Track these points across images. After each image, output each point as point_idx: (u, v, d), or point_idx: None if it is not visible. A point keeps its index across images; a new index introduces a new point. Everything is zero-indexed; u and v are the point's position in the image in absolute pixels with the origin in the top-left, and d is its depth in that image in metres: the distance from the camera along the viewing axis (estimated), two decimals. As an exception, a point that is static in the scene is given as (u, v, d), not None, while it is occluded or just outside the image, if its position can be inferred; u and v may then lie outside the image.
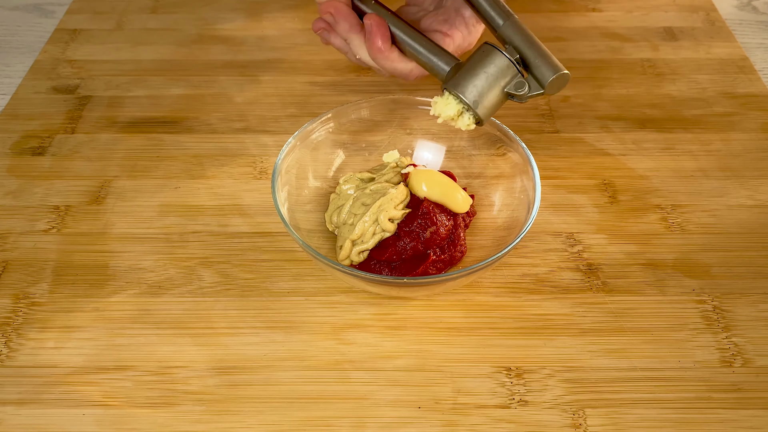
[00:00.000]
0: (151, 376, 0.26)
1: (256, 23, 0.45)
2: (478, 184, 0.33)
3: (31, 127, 0.37)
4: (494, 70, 0.28)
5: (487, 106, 0.28)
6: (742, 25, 0.45)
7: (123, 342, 0.27)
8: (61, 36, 0.44)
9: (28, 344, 0.27)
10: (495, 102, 0.29)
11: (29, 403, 0.26)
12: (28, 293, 0.29)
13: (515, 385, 0.26)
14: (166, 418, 0.25)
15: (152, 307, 0.29)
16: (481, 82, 0.28)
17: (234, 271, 0.30)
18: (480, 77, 0.28)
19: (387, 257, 0.28)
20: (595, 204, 0.33)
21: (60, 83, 0.40)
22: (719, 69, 0.41)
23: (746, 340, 0.28)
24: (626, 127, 0.37)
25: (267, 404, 0.26)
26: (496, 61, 0.28)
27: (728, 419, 0.25)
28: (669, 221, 0.32)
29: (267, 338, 0.28)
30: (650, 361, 0.27)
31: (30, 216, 0.33)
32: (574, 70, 0.41)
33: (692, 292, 0.29)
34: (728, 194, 0.34)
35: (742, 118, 0.38)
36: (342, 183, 0.31)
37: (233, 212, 0.33)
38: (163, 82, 0.40)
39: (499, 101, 0.29)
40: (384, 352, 0.27)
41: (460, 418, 0.25)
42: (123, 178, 0.35)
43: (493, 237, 0.30)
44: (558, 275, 0.30)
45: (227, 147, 0.36)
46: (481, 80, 0.28)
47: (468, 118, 0.29)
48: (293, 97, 0.39)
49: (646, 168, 0.35)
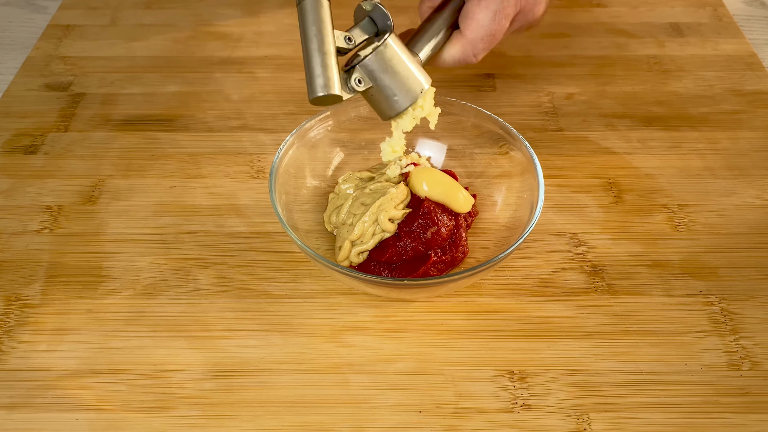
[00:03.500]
0: (146, 380, 0.26)
1: (253, 19, 0.44)
2: (481, 183, 0.32)
3: (23, 125, 0.37)
4: (385, 61, 0.26)
5: (411, 84, 0.26)
6: (750, 20, 0.45)
7: (117, 345, 0.27)
8: (53, 32, 0.43)
9: (20, 347, 0.27)
10: (408, 70, 0.26)
11: (21, 408, 0.25)
12: (20, 295, 0.29)
13: (518, 389, 0.26)
14: (161, 423, 0.25)
15: (147, 309, 0.28)
16: (389, 84, 0.26)
17: (230, 273, 0.30)
18: (384, 85, 0.26)
19: (387, 258, 0.28)
20: (599, 204, 0.33)
21: (53, 80, 0.40)
22: (726, 66, 0.40)
23: (754, 342, 0.27)
24: (632, 125, 0.37)
25: (264, 408, 0.25)
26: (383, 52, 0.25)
27: (736, 424, 0.25)
28: (675, 221, 0.32)
29: (264, 341, 0.27)
30: (656, 365, 0.26)
31: (22, 216, 0.32)
32: (579, 66, 0.40)
33: (699, 293, 0.29)
34: (736, 194, 0.33)
35: (750, 115, 0.37)
36: (341, 182, 0.30)
37: (230, 212, 0.32)
38: (158, 79, 0.40)
39: (408, 65, 0.26)
40: (384, 355, 0.27)
41: (461, 423, 0.25)
42: (117, 177, 0.34)
43: (495, 237, 0.30)
44: (562, 276, 0.29)
45: (224, 145, 0.36)
46: (387, 82, 0.26)
47: (419, 109, 0.28)
48: (291, 94, 0.39)
49: (651, 167, 0.34)
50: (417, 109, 0.28)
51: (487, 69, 0.40)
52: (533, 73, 0.40)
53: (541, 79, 0.39)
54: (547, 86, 0.39)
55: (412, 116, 0.29)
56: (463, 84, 0.39)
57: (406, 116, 0.29)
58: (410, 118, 0.29)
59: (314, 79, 0.24)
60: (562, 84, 0.39)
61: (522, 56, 0.41)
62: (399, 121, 0.29)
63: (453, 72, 0.40)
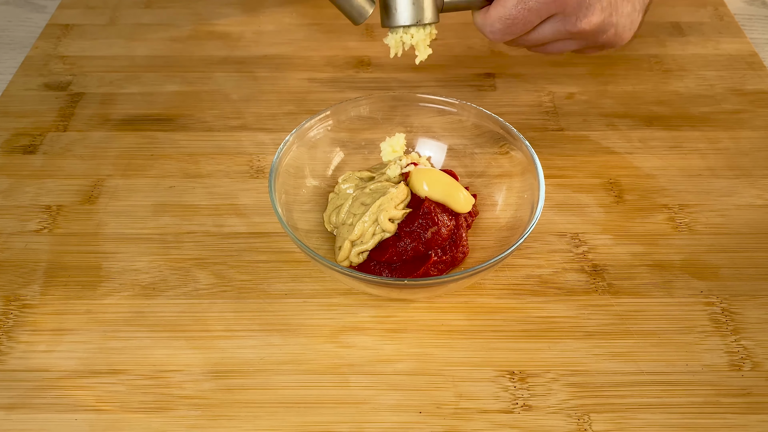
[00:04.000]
0: (145, 380, 0.26)
1: (252, 18, 0.44)
2: (481, 183, 0.32)
3: (22, 124, 0.37)
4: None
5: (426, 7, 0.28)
6: (751, 20, 0.45)
7: (116, 345, 0.27)
8: (52, 31, 0.43)
9: (18, 347, 0.27)
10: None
11: (20, 408, 0.25)
12: (19, 295, 0.29)
13: (518, 389, 0.26)
14: (160, 424, 0.25)
15: (146, 309, 0.28)
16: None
17: (230, 273, 0.29)
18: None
19: (387, 258, 0.28)
20: (600, 204, 0.33)
21: (52, 80, 0.39)
22: (728, 65, 0.40)
23: (756, 343, 0.27)
24: (632, 125, 0.37)
25: (264, 409, 0.25)
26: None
27: (737, 424, 0.25)
28: (676, 221, 0.32)
29: (264, 341, 0.27)
30: (657, 365, 0.26)
31: (21, 216, 0.32)
32: (579, 66, 0.40)
33: (700, 293, 0.29)
34: (737, 194, 0.33)
35: (751, 115, 0.37)
36: (341, 182, 0.30)
37: (229, 212, 0.32)
38: (157, 78, 0.39)
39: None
40: (384, 356, 0.27)
41: (462, 424, 0.25)
42: (116, 177, 0.34)
43: (495, 237, 0.30)
44: (562, 277, 0.29)
45: (223, 145, 0.36)
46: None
47: (422, 32, 0.29)
48: (291, 94, 0.39)
49: (652, 167, 0.34)
50: (406, 34, 0.29)
51: (488, 68, 0.40)
52: (534, 73, 0.40)
53: (542, 78, 0.39)
54: (548, 86, 0.39)
55: (400, 37, 0.30)
56: (463, 83, 0.39)
57: (395, 34, 0.30)
58: (397, 39, 0.30)
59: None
60: (563, 83, 0.39)
61: (522, 55, 0.41)
62: (389, 35, 0.30)
63: (453, 71, 0.40)
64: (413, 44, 0.30)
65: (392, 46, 0.30)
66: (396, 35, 0.30)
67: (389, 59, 0.40)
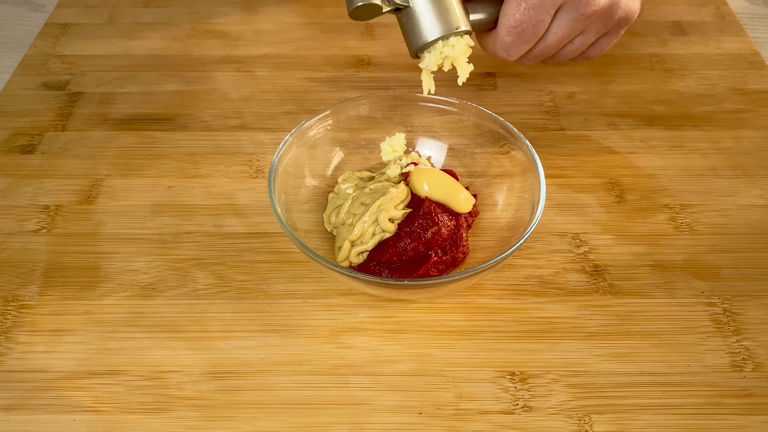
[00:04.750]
0: (144, 381, 0.26)
1: (252, 17, 0.44)
2: (481, 183, 0.32)
3: (20, 124, 0.37)
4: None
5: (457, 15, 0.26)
6: (753, 19, 0.45)
7: (115, 346, 0.27)
8: (51, 30, 0.43)
9: (17, 348, 0.27)
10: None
11: (18, 409, 0.25)
12: (17, 295, 0.29)
13: (519, 390, 0.26)
14: (159, 425, 0.25)
15: (145, 309, 0.28)
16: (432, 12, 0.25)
17: (229, 273, 0.29)
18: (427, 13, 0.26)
19: (387, 258, 0.28)
20: (601, 204, 0.32)
21: (50, 79, 0.39)
22: (729, 64, 0.40)
23: (757, 343, 0.27)
24: (634, 125, 0.36)
25: (263, 410, 0.25)
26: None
27: (739, 425, 0.25)
28: (678, 221, 0.32)
29: (263, 342, 0.27)
30: (658, 366, 0.26)
31: (19, 216, 0.32)
32: (580, 65, 0.40)
33: (702, 294, 0.29)
34: (739, 193, 0.33)
35: (753, 114, 0.37)
36: (341, 182, 0.30)
37: (228, 212, 0.32)
38: (156, 77, 0.39)
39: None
40: (384, 356, 0.27)
41: (462, 425, 0.25)
42: (115, 176, 0.34)
43: (496, 238, 0.30)
44: (563, 277, 0.29)
45: (222, 145, 0.35)
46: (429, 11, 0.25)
47: (461, 42, 0.27)
48: (290, 93, 0.38)
49: (654, 166, 0.34)
50: (447, 46, 0.27)
51: (488, 68, 0.40)
52: (534, 72, 0.39)
53: (543, 77, 0.39)
54: (549, 85, 0.39)
55: (441, 53, 0.27)
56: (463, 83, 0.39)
57: (434, 51, 0.27)
58: (437, 55, 0.27)
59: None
60: (564, 83, 0.39)
61: (523, 55, 0.41)
62: (426, 56, 0.27)
63: (453, 71, 0.39)
64: (454, 59, 0.27)
65: (431, 65, 0.27)
66: (435, 51, 0.27)
67: (389, 59, 0.40)
